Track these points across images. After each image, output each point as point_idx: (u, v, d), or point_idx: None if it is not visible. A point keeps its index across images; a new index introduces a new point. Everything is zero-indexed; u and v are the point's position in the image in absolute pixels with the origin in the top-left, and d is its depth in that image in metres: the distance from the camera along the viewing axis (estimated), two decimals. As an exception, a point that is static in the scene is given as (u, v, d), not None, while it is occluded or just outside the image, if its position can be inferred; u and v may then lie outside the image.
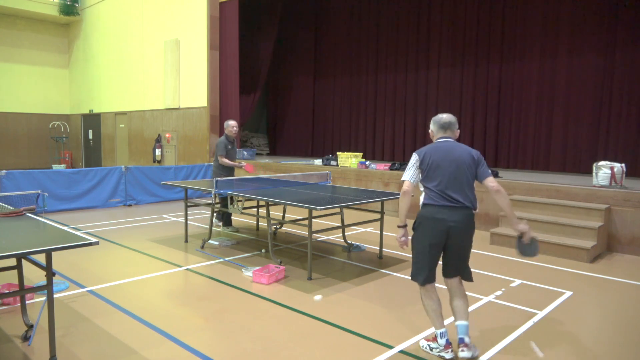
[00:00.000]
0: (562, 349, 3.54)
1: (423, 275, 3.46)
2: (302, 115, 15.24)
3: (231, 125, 7.47)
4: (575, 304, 4.48)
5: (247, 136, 16.02)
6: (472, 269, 3.64)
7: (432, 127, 3.57)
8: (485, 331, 3.84)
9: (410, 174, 3.50)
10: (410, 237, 3.62)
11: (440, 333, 3.38)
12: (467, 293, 3.58)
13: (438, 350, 3.40)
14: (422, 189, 3.54)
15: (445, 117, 3.53)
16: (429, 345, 3.47)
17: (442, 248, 3.49)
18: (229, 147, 7.41)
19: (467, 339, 3.33)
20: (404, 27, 12.53)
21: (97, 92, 17.20)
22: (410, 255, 3.60)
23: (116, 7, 16.01)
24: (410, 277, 3.58)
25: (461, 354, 3.29)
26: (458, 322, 3.40)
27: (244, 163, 7.55)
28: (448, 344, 3.35)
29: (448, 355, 3.32)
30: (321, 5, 14.59)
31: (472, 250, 3.69)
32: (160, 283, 4.98)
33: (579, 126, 9.64)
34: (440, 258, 3.56)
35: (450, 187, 3.37)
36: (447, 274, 3.56)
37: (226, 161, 7.35)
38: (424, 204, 3.49)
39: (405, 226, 3.63)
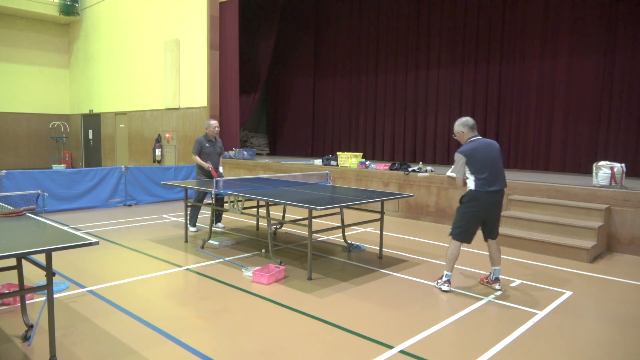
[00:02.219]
0: (562, 349, 3.54)
1: (465, 236, 4.64)
2: (302, 115, 15.24)
3: (212, 125, 7.45)
4: (575, 304, 4.48)
5: (247, 136, 16.02)
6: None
7: (462, 129, 4.64)
8: (485, 331, 3.84)
9: (460, 171, 4.58)
10: (460, 208, 4.68)
11: (448, 274, 4.71)
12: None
13: (440, 284, 4.74)
14: (470, 179, 4.55)
15: (470, 119, 4.69)
16: (437, 282, 4.82)
17: (483, 221, 4.66)
18: (206, 145, 7.41)
19: (499, 278, 4.81)
20: (404, 27, 12.53)
21: (97, 92, 17.21)
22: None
23: (116, 7, 16.02)
24: (453, 236, 4.68)
25: (497, 287, 4.75)
26: (496, 267, 4.79)
27: (210, 166, 7.43)
28: (448, 282, 4.70)
29: (445, 288, 4.69)
30: (321, 5, 14.59)
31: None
32: (160, 283, 4.98)
33: (579, 126, 9.64)
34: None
35: (493, 176, 4.51)
36: (491, 236, 4.77)
37: (197, 159, 7.39)
38: (475, 190, 4.52)
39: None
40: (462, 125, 4.66)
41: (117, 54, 16.02)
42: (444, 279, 4.72)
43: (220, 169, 7.70)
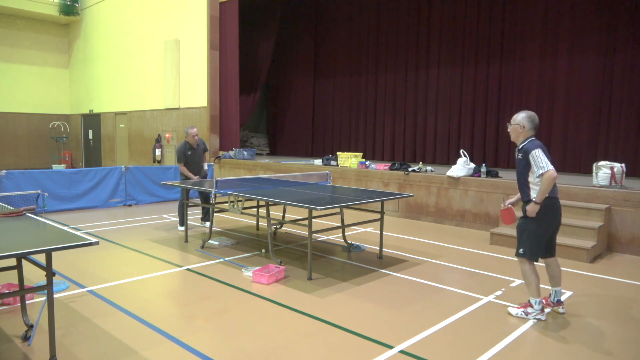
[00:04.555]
0: (562, 349, 3.54)
1: (540, 253, 4.11)
2: (302, 115, 15.24)
3: (192, 134, 7.50)
4: (575, 304, 4.48)
5: (247, 136, 16.02)
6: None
7: (526, 123, 4.01)
8: (485, 331, 3.84)
9: (548, 162, 3.86)
10: (529, 222, 4.06)
11: (539, 301, 4.05)
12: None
13: (534, 314, 4.05)
14: (536, 184, 3.96)
15: (537, 118, 4.08)
16: (523, 311, 4.09)
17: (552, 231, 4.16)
18: (189, 153, 7.49)
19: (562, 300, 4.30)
20: (404, 27, 12.53)
21: (97, 92, 17.21)
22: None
23: (116, 7, 16.02)
24: (527, 257, 4.06)
25: (561, 310, 4.22)
26: (556, 288, 4.25)
27: (195, 178, 7.49)
28: (542, 310, 4.07)
29: (543, 317, 4.05)
30: (321, 5, 14.58)
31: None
32: (160, 283, 4.98)
33: (579, 126, 9.64)
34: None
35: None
36: (552, 252, 4.23)
37: (184, 170, 7.48)
38: (550, 197, 3.96)
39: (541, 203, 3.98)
40: (527, 119, 4.01)
41: (117, 54, 16.02)
42: (538, 307, 4.03)
43: (205, 166, 7.75)
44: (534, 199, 3.95)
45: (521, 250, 4.05)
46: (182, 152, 7.47)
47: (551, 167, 3.84)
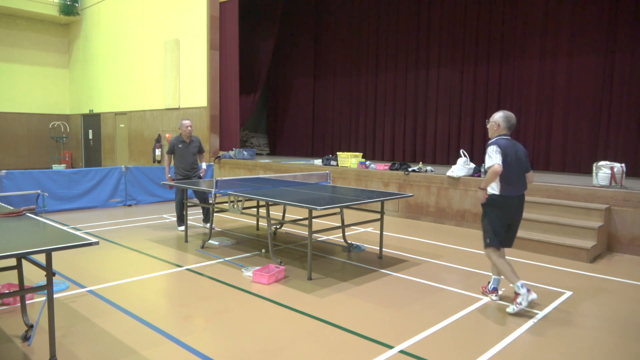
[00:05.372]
0: (562, 349, 3.54)
1: (498, 240, 4.30)
2: (302, 116, 15.24)
3: (185, 125, 7.36)
4: (575, 304, 4.48)
5: (247, 136, 16.02)
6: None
7: (501, 122, 4.31)
8: (485, 331, 3.84)
9: (499, 158, 4.12)
10: (485, 213, 4.38)
11: (521, 284, 4.14)
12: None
13: (523, 298, 4.09)
14: (495, 181, 4.21)
15: (514, 117, 4.35)
16: (516, 304, 4.12)
17: (507, 226, 4.35)
18: (179, 146, 7.37)
19: (498, 288, 4.56)
20: (404, 27, 12.53)
21: (97, 92, 17.21)
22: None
23: (116, 7, 16.02)
24: (489, 244, 4.33)
25: (493, 298, 4.48)
26: (496, 276, 4.51)
27: (169, 176, 7.46)
28: (528, 290, 4.11)
29: (532, 296, 4.11)
30: (321, 5, 14.59)
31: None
32: (160, 283, 4.98)
33: (579, 126, 9.64)
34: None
35: (517, 179, 4.24)
36: (507, 244, 4.44)
37: (165, 160, 7.46)
38: (500, 195, 4.22)
39: (485, 190, 4.31)
40: (503, 119, 4.31)
41: (117, 54, 16.02)
42: (523, 291, 4.11)
43: (203, 165, 7.64)
44: (492, 194, 4.26)
45: (488, 240, 4.32)
46: (172, 143, 7.39)
47: (497, 162, 4.09)
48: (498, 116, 4.35)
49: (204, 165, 7.64)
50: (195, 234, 7.19)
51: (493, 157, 4.13)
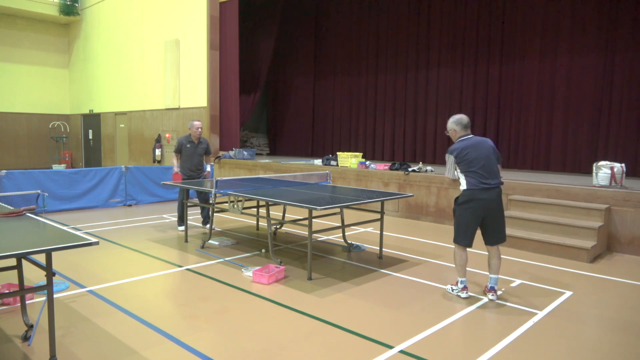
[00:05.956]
0: (562, 350, 3.54)
1: (467, 239, 4.43)
2: (302, 115, 15.24)
3: (195, 126, 7.37)
4: (575, 304, 4.48)
5: (247, 136, 16.02)
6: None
7: (455, 126, 4.49)
8: (485, 331, 3.84)
9: (451, 172, 4.46)
10: (455, 210, 4.53)
11: (462, 280, 4.53)
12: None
13: (457, 291, 4.53)
14: (462, 178, 4.42)
15: (465, 117, 4.51)
16: (451, 287, 4.62)
17: (482, 221, 4.41)
18: (187, 146, 7.37)
19: (495, 288, 4.50)
20: (404, 27, 12.53)
21: (97, 92, 17.21)
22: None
23: (116, 7, 16.02)
24: (454, 240, 4.53)
25: (490, 297, 4.47)
26: (492, 275, 4.52)
27: (177, 169, 7.40)
28: (465, 288, 4.51)
29: (463, 295, 4.49)
30: (321, 5, 14.59)
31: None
32: (160, 283, 4.98)
33: (579, 126, 9.64)
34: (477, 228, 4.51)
35: (485, 173, 4.32)
36: (490, 241, 4.50)
37: (174, 158, 7.42)
38: (468, 189, 4.35)
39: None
40: (455, 123, 4.51)
41: (117, 54, 16.02)
42: (460, 285, 4.53)
43: (208, 167, 7.66)
44: (462, 189, 4.44)
45: (455, 235, 4.54)
46: (180, 142, 7.39)
47: (450, 176, 4.48)
48: (450, 122, 4.56)
49: (208, 167, 7.66)
50: (195, 234, 7.19)
51: (446, 169, 4.53)
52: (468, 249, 4.52)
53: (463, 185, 4.39)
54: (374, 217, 6.05)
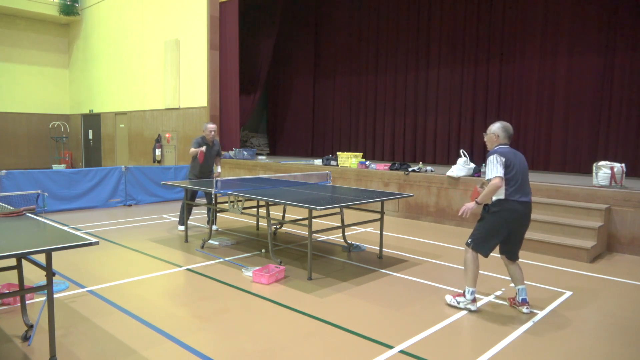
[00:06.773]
0: (562, 349, 3.54)
1: (487, 250, 4.18)
2: (302, 115, 15.24)
3: (209, 129, 7.38)
4: (575, 304, 4.48)
5: (247, 136, 16.02)
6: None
7: (500, 132, 4.20)
8: (485, 331, 3.84)
9: (500, 170, 4.01)
10: (484, 217, 4.24)
11: (473, 291, 4.20)
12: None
13: (465, 303, 4.21)
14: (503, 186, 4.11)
15: (510, 127, 4.28)
16: (456, 300, 4.28)
17: (508, 234, 4.17)
18: (203, 147, 7.34)
19: (527, 299, 4.24)
20: (404, 27, 12.53)
21: (97, 92, 17.21)
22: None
23: (116, 7, 16.02)
24: (472, 246, 4.21)
25: (525, 310, 4.18)
26: (520, 286, 4.25)
27: (202, 148, 7.31)
28: (475, 300, 4.23)
29: (473, 308, 4.20)
30: (321, 5, 14.59)
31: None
32: (160, 283, 4.98)
33: (579, 126, 9.64)
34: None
35: (524, 186, 4.12)
36: (511, 256, 4.29)
37: (193, 150, 7.31)
38: (505, 199, 4.08)
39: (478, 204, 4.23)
40: (501, 130, 4.21)
41: (117, 54, 16.02)
42: (470, 297, 4.20)
43: (218, 169, 7.67)
44: (498, 198, 4.13)
45: (469, 240, 4.25)
46: (197, 142, 7.38)
47: (498, 175, 3.98)
48: (496, 127, 4.23)
49: (219, 169, 7.67)
50: (195, 234, 7.19)
51: (494, 169, 4.01)
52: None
53: (500, 194, 4.08)
54: (374, 217, 6.05)
